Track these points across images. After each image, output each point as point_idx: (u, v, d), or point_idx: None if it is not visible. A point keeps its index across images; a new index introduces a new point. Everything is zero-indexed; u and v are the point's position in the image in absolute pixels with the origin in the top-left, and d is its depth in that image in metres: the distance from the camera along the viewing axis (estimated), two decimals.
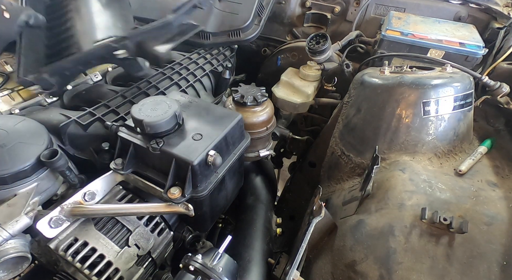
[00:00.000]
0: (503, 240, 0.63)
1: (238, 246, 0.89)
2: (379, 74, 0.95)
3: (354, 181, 0.95)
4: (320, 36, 1.21)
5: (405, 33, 1.10)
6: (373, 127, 0.92)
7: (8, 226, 0.56)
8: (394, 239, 0.67)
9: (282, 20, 1.54)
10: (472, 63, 1.06)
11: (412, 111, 0.86)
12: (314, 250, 0.82)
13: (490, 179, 0.80)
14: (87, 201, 0.69)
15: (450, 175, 0.83)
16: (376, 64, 1.16)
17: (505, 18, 1.19)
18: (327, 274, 0.74)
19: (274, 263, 0.87)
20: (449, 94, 0.86)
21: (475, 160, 0.85)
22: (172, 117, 0.70)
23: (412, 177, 0.79)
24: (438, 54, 1.08)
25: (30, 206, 0.60)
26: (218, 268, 0.64)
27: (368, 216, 0.75)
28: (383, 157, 0.89)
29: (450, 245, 0.63)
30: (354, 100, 1.00)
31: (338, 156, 1.02)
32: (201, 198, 0.74)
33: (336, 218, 0.83)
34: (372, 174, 0.79)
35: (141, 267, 0.70)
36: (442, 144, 0.88)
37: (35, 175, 0.64)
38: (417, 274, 0.61)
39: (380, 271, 0.65)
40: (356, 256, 0.70)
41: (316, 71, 1.29)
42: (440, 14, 1.28)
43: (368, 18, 1.40)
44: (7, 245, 0.57)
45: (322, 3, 1.46)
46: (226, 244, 0.69)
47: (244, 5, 1.31)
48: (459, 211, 0.69)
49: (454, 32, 1.11)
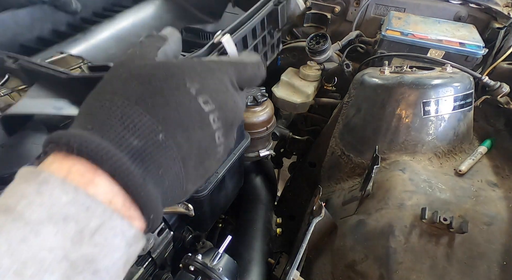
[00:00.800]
0: (503, 240, 0.63)
1: (238, 246, 0.89)
2: (379, 74, 0.95)
3: (354, 181, 0.95)
4: (320, 36, 1.21)
5: (405, 33, 1.10)
6: (373, 127, 0.92)
7: None
8: (394, 239, 0.67)
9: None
10: (472, 63, 1.06)
11: (412, 111, 0.86)
12: (314, 250, 0.82)
13: (490, 179, 0.80)
14: None
15: (450, 175, 0.83)
16: (376, 64, 1.16)
17: (505, 18, 1.19)
18: (327, 274, 0.74)
19: (274, 263, 0.87)
20: (449, 94, 0.86)
21: (475, 160, 0.85)
22: None
23: (412, 177, 0.79)
24: (438, 54, 1.08)
25: None
26: (218, 268, 0.64)
27: (368, 216, 0.75)
28: (383, 157, 0.89)
29: (450, 245, 0.63)
30: (354, 100, 1.00)
31: (338, 156, 1.02)
32: (201, 198, 0.74)
33: (336, 218, 0.83)
34: (372, 174, 0.79)
35: (141, 267, 0.70)
36: (442, 144, 0.88)
37: None
38: (417, 274, 0.61)
39: (380, 271, 0.65)
40: (356, 256, 0.70)
41: (316, 71, 1.29)
42: (440, 14, 1.28)
43: (368, 18, 1.40)
44: None
45: (322, 3, 1.46)
46: (226, 244, 0.69)
47: None
48: (459, 211, 0.69)
49: (454, 32, 1.11)
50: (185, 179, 0.28)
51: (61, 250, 0.21)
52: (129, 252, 0.24)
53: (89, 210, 0.22)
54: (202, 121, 0.28)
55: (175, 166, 0.27)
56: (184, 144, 0.27)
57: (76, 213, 0.22)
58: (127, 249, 0.24)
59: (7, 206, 0.21)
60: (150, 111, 0.25)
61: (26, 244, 0.20)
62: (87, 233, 0.22)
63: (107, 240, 0.23)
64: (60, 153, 0.24)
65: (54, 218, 0.21)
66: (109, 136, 0.24)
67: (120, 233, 0.23)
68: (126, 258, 0.24)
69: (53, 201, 0.21)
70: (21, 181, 0.23)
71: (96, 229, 0.22)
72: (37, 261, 0.20)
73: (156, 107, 0.25)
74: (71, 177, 0.23)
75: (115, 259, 0.23)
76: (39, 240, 0.20)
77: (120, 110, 0.25)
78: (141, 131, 0.25)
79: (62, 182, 0.22)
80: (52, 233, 0.21)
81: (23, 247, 0.20)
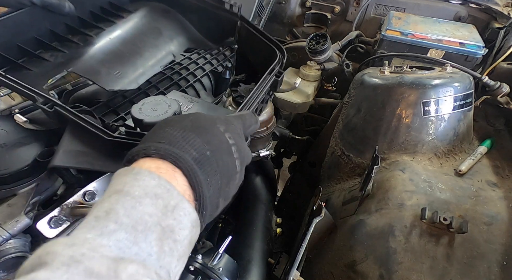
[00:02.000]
0: (503, 240, 0.63)
1: (238, 246, 0.89)
2: (379, 74, 0.95)
3: (354, 181, 0.95)
4: (320, 36, 1.21)
5: (405, 33, 1.10)
6: (373, 127, 0.92)
7: (8, 226, 0.56)
8: (394, 239, 0.67)
9: (282, 20, 1.54)
10: (472, 63, 1.06)
11: (412, 111, 0.86)
12: (314, 250, 0.82)
13: (490, 179, 0.80)
14: (87, 201, 0.69)
15: (450, 175, 0.83)
16: (376, 64, 1.16)
17: (505, 18, 1.19)
18: (327, 274, 0.74)
19: (274, 263, 0.87)
20: (449, 94, 0.86)
21: (475, 160, 0.85)
22: None
23: (412, 177, 0.79)
24: (438, 54, 1.08)
25: (30, 206, 0.60)
26: (218, 268, 0.64)
27: (368, 216, 0.75)
28: (383, 157, 0.89)
29: (450, 245, 0.63)
30: (354, 100, 1.00)
31: (338, 156, 1.02)
32: None
33: (336, 218, 0.83)
34: (372, 174, 0.79)
35: None
36: (442, 144, 0.88)
37: (35, 174, 0.64)
38: (417, 274, 0.61)
39: (380, 271, 0.65)
40: (356, 256, 0.70)
41: (316, 71, 1.29)
42: (440, 14, 1.28)
43: (368, 18, 1.40)
44: (7, 245, 0.57)
45: (322, 3, 1.46)
46: (226, 244, 0.69)
47: (244, 5, 1.30)
48: (459, 211, 0.69)
49: (454, 32, 1.11)
50: (219, 192, 0.37)
51: (156, 217, 0.29)
52: (192, 233, 0.32)
53: (169, 192, 0.31)
54: (228, 149, 0.39)
55: (216, 176, 0.36)
56: (220, 162, 0.37)
57: (161, 193, 0.31)
58: (191, 229, 0.32)
59: (116, 189, 0.30)
60: (199, 136, 0.37)
61: (135, 210, 0.29)
62: (169, 208, 0.30)
63: (181, 217, 0.31)
64: (149, 157, 0.34)
65: (149, 194, 0.30)
66: (178, 148, 0.35)
67: (188, 214, 0.32)
68: (190, 237, 0.32)
69: (146, 184, 0.31)
70: (120, 176, 0.32)
71: (174, 206, 0.31)
72: (143, 221, 0.28)
73: (203, 134, 0.37)
74: (159, 171, 0.32)
75: (185, 235, 0.31)
76: (142, 207, 0.29)
77: (180, 133, 0.36)
78: (196, 147, 0.36)
79: (150, 173, 0.31)
80: (149, 204, 0.29)
81: (134, 212, 0.29)
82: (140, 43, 0.87)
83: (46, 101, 0.58)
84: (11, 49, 0.77)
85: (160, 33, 0.92)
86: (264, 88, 0.73)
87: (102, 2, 0.97)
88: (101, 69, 0.78)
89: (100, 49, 0.81)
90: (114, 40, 0.85)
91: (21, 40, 0.79)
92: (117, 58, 0.81)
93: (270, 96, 0.87)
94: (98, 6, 0.95)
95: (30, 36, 0.81)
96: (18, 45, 0.79)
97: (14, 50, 0.78)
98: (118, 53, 0.82)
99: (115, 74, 0.78)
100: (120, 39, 0.85)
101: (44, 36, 0.83)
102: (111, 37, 0.85)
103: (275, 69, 0.79)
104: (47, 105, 0.58)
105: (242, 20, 0.91)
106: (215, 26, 0.96)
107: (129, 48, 0.85)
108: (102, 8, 0.96)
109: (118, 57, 0.82)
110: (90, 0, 0.92)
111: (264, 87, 0.73)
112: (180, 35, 0.96)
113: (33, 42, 0.81)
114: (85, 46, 0.82)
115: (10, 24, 0.76)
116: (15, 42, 0.78)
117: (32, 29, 0.80)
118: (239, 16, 0.91)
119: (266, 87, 0.74)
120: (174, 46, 0.92)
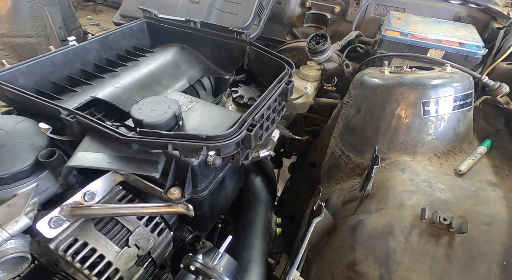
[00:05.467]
0: (503, 240, 0.63)
1: (238, 246, 0.89)
2: (379, 74, 0.95)
3: (354, 181, 0.95)
4: (320, 36, 1.21)
5: (405, 33, 1.10)
6: (373, 127, 0.92)
7: (8, 226, 0.56)
8: (394, 239, 0.67)
9: (282, 20, 1.54)
10: (472, 63, 1.06)
11: (412, 111, 0.86)
12: (314, 250, 0.82)
13: (490, 179, 0.80)
14: (87, 201, 0.69)
15: (450, 175, 0.83)
16: (376, 64, 1.16)
17: (505, 18, 1.19)
18: (327, 274, 0.74)
19: (274, 263, 0.87)
20: (449, 94, 0.86)
21: (475, 160, 0.85)
22: (172, 118, 0.70)
23: (412, 177, 0.79)
24: (438, 54, 1.08)
25: (30, 206, 0.60)
26: (219, 268, 0.64)
27: (368, 216, 0.75)
28: (383, 157, 0.89)
29: (450, 245, 0.64)
30: (354, 100, 1.00)
31: (338, 156, 1.02)
32: (201, 198, 0.74)
33: (336, 218, 0.83)
34: (372, 174, 0.79)
35: (141, 267, 0.70)
36: (442, 143, 0.88)
37: (35, 175, 0.64)
38: (417, 274, 0.61)
39: (380, 271, 0.65)
40: (356, 256, 0.70)
41: (316, 71, 1.29)
42: (440, 14, 1.28)
43: (368, 18, 1.40)
44: (7, 245, 0.57)
45: (322, 3, 1.46)
46: (227, 244, 0.69)
47: (244, 6, 1.31)
48: (459, 211, 0.69)
49: (454, 32, 1.11)
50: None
51: None
52: None
53: None
54: None
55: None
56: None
57: None
58: None
59: None
60: None
61: None
62: None
63: None
64: None
65: None
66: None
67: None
68: None
69: None
70: None
71: None
72: None
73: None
74: None
75: None
76: None
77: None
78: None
79: None
80: None
81: None
82: (159, 74, 0.96)
83: (69, 113, 0.66)
84: (45, 86, 0.86)
85: (177, 66, 1.02)
86: (273, 95, 0.74)
87: (127, 46, 1.08)
88: (122, 95, 0.85)
89: (123, 80, 0.90)
90: (136, 72, 0.94)
91: (56, 77, 0.89)
92: (138, 87, 0.90)
93: (282, 109, 0.86)
94: (123, 49, 1.06)
95: (63, 75, 0.91)
96: (53, 82, 0.88)
97: (48, 86, 0.87)
98: (139, 82, 0.91)
99: (134, 98, 0.85)
100: (142, 72, 0.95)
101: (75, 74, 0.93)
102: (133, 70, 0.95)
103: (285, 79, 0.80)
104: (69, 116, 0.65)
105: (251, 45, 0.97)
106: (226, 54, 1.04)
107: (149, 78, 0.94)
108: (127, 50, 1.07)
109: (139, 86, 0.90)
110: (117, 45, 1.05)
111: (273, 94, 0.74)
112: (195, 66, 1.05)
113: (65, 79, 0.91)
114: (109, 78, 0.91)
115: (48, 64, 0.86)
116: (50, 80, 0.88)
117: (65, 69, 0.91)
118: (248, 42, 0.97)
119: (275, 94, 0.75)
120: (189, 76, 1.00)
